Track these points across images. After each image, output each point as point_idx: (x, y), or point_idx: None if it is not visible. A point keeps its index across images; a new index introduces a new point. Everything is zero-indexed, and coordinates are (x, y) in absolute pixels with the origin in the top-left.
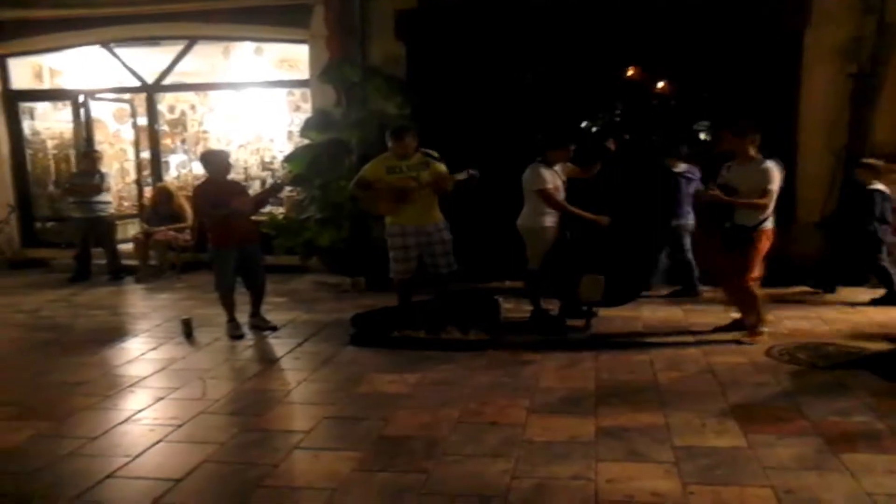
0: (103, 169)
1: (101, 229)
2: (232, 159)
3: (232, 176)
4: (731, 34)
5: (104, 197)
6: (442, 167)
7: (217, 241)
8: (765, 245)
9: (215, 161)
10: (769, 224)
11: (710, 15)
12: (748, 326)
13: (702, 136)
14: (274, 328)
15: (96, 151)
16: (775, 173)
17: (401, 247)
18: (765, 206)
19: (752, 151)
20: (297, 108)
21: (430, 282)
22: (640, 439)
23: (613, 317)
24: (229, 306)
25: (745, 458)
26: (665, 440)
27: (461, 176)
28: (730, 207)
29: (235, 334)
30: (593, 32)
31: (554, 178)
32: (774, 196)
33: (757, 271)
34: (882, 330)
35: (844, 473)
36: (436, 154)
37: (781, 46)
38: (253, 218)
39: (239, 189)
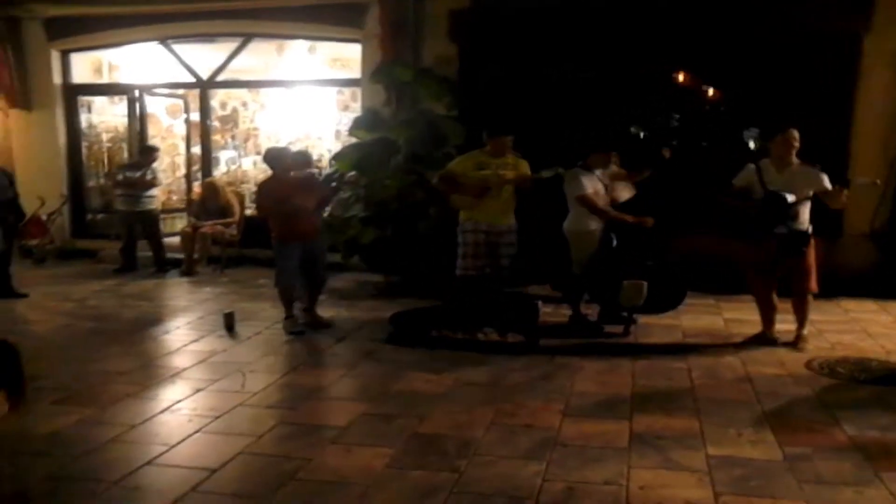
0: (154, 165)
1: (146, 222)
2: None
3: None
4: (788, 38)
5: (151, 191)
6: (527, 167)
7: (280, 236)
8: (817, 250)
9: (277, 158)
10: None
11: (766, 18)
12: (800, 335)
13: (751, 144)
14: (328, 325)
15: (156, 148)
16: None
17: (472, 243)
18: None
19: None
20: (346, 108)
21: (492, 281)
22: (675, 447)
23: (653, 324)
24: (288, 302)
25: (781, 471)
26: (699, 449)
27: (547, 173)
28: (785, 213)
29: (294, 330)
30: (647, 35)
31: (593, 183)
32: None
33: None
34: None
35: (883, 491)
36: (524, 163)
37: (840, 51)
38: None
39: (304, 184)
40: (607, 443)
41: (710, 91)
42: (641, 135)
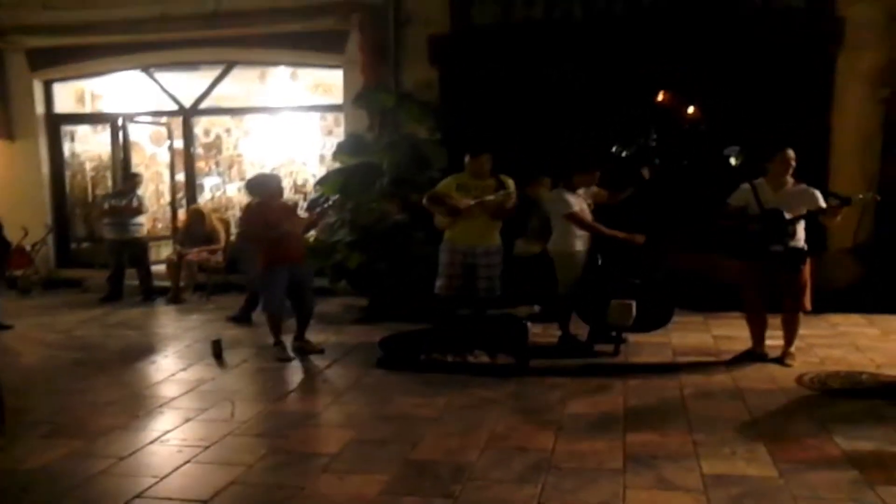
0: (139, 191)
1: (134, 250)
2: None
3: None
4: (763, 58)
5: (138, 219)
6: (507, 195)
7: (268, 262)
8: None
9: (266, 185)
10: None
11: (741, 39)
12: (787, 352)
13: (732, 161)
14: (321, 351)
15: (138, 175)
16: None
17: (447, 263)
18: None
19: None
20: (330, 133)
21: (469, 302)
22: (669, 466)
23: (643, 342)
24: (276, 328)
25: (776, 488)
26: (694, 468)
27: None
28: (784, 231)
29: (283, 357)
30: (626, 58)
31: (579, 201)
32: None
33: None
34: None
35: None
36: (510, 182)
37: (814, 71)
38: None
39: (289, 211)
40: (601, 463)
41: (690, 110)
42: (623, 154)
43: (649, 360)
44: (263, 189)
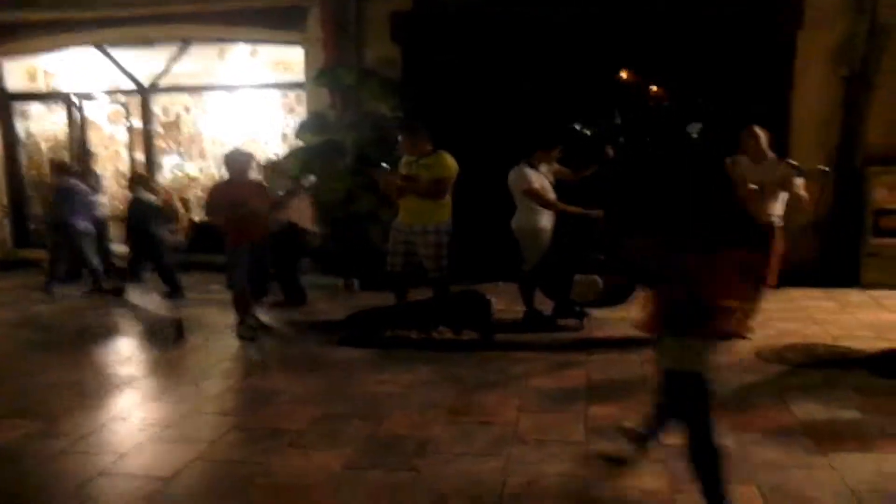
0: (98, 171)
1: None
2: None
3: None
4: (725, 37)
5: (97, 197)
6: (442, 171)
7: (234, 240)
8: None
9: (235, 161)
10: None
11: (703, 18)
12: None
13: (694, 136)
14: (275, 329)
15: (91, 153)
16: None
17: (390, 241)
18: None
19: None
20: (292, 111)
21: (425, 282)
22: None
23: (604, 317)
24: (243, 307)
25: (735, 458)
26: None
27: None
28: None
29: (246, 335)
30: (589, 34)
31: (539, 178)
32: None
33: None
34: (872, 330)
35: (831, 471)
36: (439, 158)
37: (774, 49)
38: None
39: (257, 189)
40: (564, 436)
41: (654, 88)
42: (587, 132)
43: (612, 335)
44: (234, 164)
